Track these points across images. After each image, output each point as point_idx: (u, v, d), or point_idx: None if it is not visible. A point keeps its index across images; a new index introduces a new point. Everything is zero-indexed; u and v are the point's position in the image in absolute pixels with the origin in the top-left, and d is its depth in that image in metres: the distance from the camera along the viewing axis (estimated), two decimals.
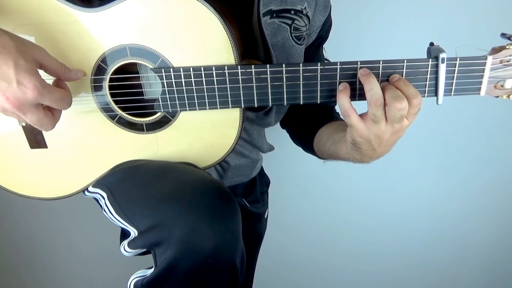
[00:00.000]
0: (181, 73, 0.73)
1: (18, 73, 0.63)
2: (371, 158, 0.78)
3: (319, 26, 0.92)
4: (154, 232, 0.69)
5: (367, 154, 0.76)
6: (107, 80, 0.77)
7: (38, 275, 1.65)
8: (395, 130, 0.70)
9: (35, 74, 0.65)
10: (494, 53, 0.69)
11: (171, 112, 0.79)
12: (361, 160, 0.80)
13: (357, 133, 0.71)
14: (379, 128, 0.69)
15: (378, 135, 0.70)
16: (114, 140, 0.82)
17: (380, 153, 0.76)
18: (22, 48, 0.64)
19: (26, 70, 0.63)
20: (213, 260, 0.65)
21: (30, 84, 0.63)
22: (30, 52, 0.66)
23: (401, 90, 0.67)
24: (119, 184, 0.81)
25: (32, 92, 0.64)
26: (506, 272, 1.73)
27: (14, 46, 0.63)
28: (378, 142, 0.72)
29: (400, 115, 0.67)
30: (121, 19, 0.73)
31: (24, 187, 0.88)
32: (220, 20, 0.71)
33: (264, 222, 1.19)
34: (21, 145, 0.83)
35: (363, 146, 0.74)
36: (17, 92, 0.63)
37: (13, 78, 0.63)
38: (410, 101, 0.67)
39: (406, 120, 0.69)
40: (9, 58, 0.62)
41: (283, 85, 0.73)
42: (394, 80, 0.69)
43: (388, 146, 0.74)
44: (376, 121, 0.68)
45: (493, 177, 1.54)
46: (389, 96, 0.67)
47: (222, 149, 0.82)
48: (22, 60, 0.63)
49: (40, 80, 0.65)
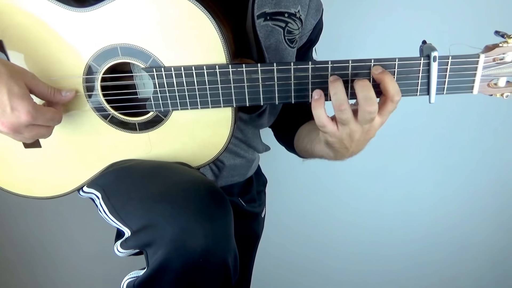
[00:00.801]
0: (172, 72, 0.73)
1: (12, 99, 0.65)
2: (345, 156, 0.79)
3: (310, 30, 0.92)
4: (145, 233, 0.69)
5: (340, 152, 0.76)
6: (99, 80, 0.77)
7: (37, 275, 1.65)
8: (365, 130, 0.70)
9: (27, 99, 0.67)
10: (487, 51, 0.68)
11: (163, 112, 0.78)
12: (335, 158, 0.81)
13: (329, 134, 0.72)
14: (350, 128, 0.70)
15: (349, 134, 0.71)
16: (107, 140, 0.82)
17: (353, 151, 0.76)
18: (14, 74, 0.67)
19: (19, 96, 0.66)
20: (204, 259, 0.65)
21: (23, 109, 0.66)
22: (21, 78, 0.68)
23: (384, 84, 0.67)
24: (112, 185, 0.82)
25: (26, 117, 0.67)
26: (507, 272, 1.72)
27: (6, 73, 0.66)
28: (350, 141, 0.72)
29: (370, 117, 0.67)
30: (112, 18, 0.73)
31: (18, 186, 0.88)
32: (211, 19, 0.71)
33: (261, 221, 1.19)
34: (15, 145, 0.83)
35: (336, 145, 0.74)
36: (11, 118, 0.66)
37: (7, 104, 0.65)
38: (392, 98, 0.67)
39: (378, 120, 0.69)
40: (2, 85, 0.65)
41: (275, 84, 0.73)
42: (377, 72, 0.68)
43: (360, 145, 0.75)
44: (344, 123, 0.69)
45: (493, 178, 1.53)
46: (361, 97, 0.67)
47: (215, 148, 0.82)
48: (15, 86, 0.66)
49: (32, 104, 0.68)
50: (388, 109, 0.68)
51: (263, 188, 1.21)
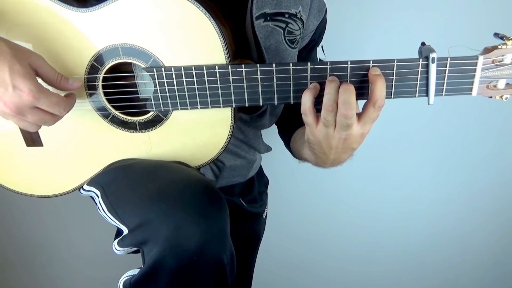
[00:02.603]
0: (172, 72, 0.74)
1: (13, 77, 0.65)
2: (325, 163, 0.79)
3: (313, 30, 0.92)
4: (141, 230, 0.69)
5: (320, 157, 0.77)
6: (101, 79, 0.78)
7: (37, 275, 1.66)
8: (342, 137, 0.70)
9: (30, 78, 0.66)
10: (486, 53, 0.68)
11: (163, 111, 0.79)
12: (316, 162, 0.82)
13: (310, 132, 0.73)
14: (328, 132, 0.70)
15: (327, 139, 0.71)
16: (107, 139, 0.83)
17: (333, 160, 0.76)
18: (17, 53, 0.67)
19: (21, 74, 0.65)
20: (198, 257, 0.65)
21: (25, 88, 0.65)
22: (25, 58, 0.68)
23: (374, 85, 0.66)
24: (111, 183, 0.82)
25: (28, 96, 0.66)
26: (507, 272, 1.71)
27: (9, 52, 0.66)
28: (328, 147, 0.73)
29: (346, 122, 0.67)
30: (114, 18, 0.74)
31: (20, 184, 0.89)
32: (211, 20, 0.71)
33: (263, 222, 1.19)
34: (17, 143, 0.84)
35: (315, 147, 0.75)
36: (14, 97, 0.65)
37: (9, 83, 0.65)
38: (375, 102, 0.66)
39: (358, 129, 0.68)
40: (4, 64, 0.65)
41: (274, 84, 0.73)
42: (373, 73, 0.68)
43: (338, 154, 0.74)
44: (326, 125, 0.69)
45: (493, 178, 1.53)
46: (340, 100, 0.66)
47: (215, 148, 0.82)
48: (17, 64, 0.65)
49: (35, 84, 0.67)
50: (369, 114, 0.67)
51: (265, 189, 1.21)
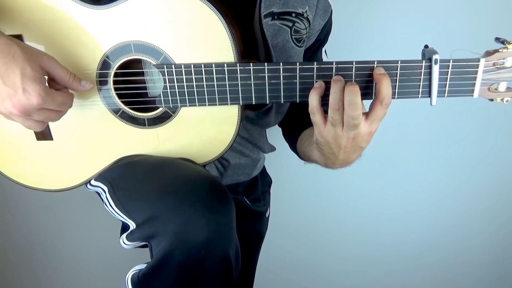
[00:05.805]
0: (182, 69, 0.76)
1: (24, 81, 0.67)
2: (334, 164, 0.80)
3: (318, 30, 0.94)
4: (149, 225, 0.71)
5: (329, 157, 0.78)
6: (112, 75, 0.80)
7: (37, 275, 1.65)
8: (351, 136, 0.71)
9: (39, 82, 0.69)
10: (488, 56, 0.70)
11: (172, 108, 0.81)
12: (325, 164, 0.82)
13: (319, 132, 0.74)
14: (336, 132, 0.71)
15: (335, 138, 0.72)
16: (116, 134, 0.85)
17: (343, 160, 0.77)
18: (29, 57, 0.69)
19: (31, 78, 0.68)
20: (206, 251, 0.67)
21: (34, 92, 0.68)
22: (37, 61, 0.70)
23: (380, 84, 0.68)
24: (119, 179, 0.84)
25: (36, 99, 0.68)
26: (507, 273, 1.71)
27: (21, 55, 0.68)
28: (337, 147, 0.73)
29: (353, 123, 0.68)
30: (127, 16, 0.76)
31: (29, 178, 0.90)
32: (221, 19, 0.74)
33: (266, 221, 1.20)
34: (27, 137, 0.86)
35: (324, 147, 0.76)
36: (22, 99, 0.68)
37: (19, 86, 0.67)
38: (382, 100, 0.68)
39: (365, 128, 0.70)
40: (16, 67, 0.67)
41: (280, 83, 0.75)
42: (379, 72, 0.69)
43: (347, 154, 0.75)
44: (334, 124, 0.70)
45: (493, 178, 1.53)
46: (346, 101, 0.68)
47: (221, 145, 0.84)
48: (28, 68, 0.68)
49: (44, 88, 0.69)
50: (376, 113, 0.69)
51: (268, 188, 1.23)
